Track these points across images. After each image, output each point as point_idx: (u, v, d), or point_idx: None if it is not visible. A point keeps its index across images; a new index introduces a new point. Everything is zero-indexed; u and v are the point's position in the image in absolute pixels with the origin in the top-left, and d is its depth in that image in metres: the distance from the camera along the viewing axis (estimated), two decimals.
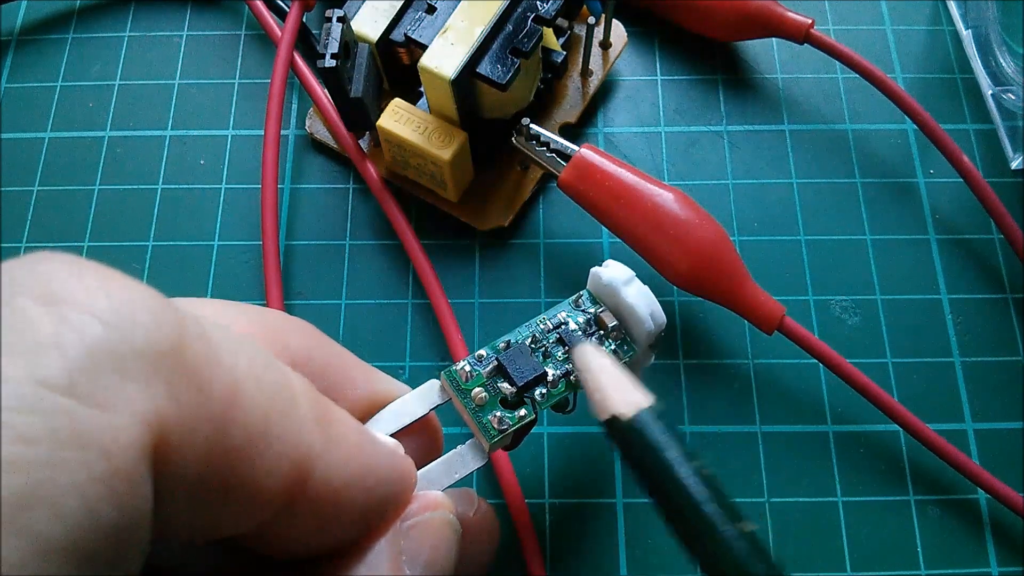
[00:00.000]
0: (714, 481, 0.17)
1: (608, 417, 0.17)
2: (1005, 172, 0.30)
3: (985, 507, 0.25)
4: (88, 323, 0.10)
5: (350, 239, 0.29)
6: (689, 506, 0.16)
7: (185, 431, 0.11)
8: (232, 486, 0.12)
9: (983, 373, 0.27)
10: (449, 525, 0.17)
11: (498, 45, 0.25)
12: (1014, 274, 0.28)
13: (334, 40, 0.24)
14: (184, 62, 0.32)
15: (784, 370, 0.27)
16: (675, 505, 0.16)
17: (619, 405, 0.17)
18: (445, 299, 0.27)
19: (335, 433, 0.15)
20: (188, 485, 0.11)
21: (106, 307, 0.11)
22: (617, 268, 0.21)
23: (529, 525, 0.24)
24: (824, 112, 0.31)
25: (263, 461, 0.12)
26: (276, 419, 0.13)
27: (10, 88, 0.32)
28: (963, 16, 0.32)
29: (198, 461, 0.11)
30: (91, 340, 0.10)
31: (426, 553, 0.16)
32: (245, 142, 0.31)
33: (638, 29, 0.32)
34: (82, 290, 0.11)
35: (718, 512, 0.16)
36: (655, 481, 0.17)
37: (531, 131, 0.26)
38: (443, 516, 0.17)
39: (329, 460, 0.14)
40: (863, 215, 0.29)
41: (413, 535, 0.16)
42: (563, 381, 0.20)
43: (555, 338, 0.20)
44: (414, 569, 0.16)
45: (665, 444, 0.17)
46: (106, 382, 0.10)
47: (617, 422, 0.17)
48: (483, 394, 0.19)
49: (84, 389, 0.10)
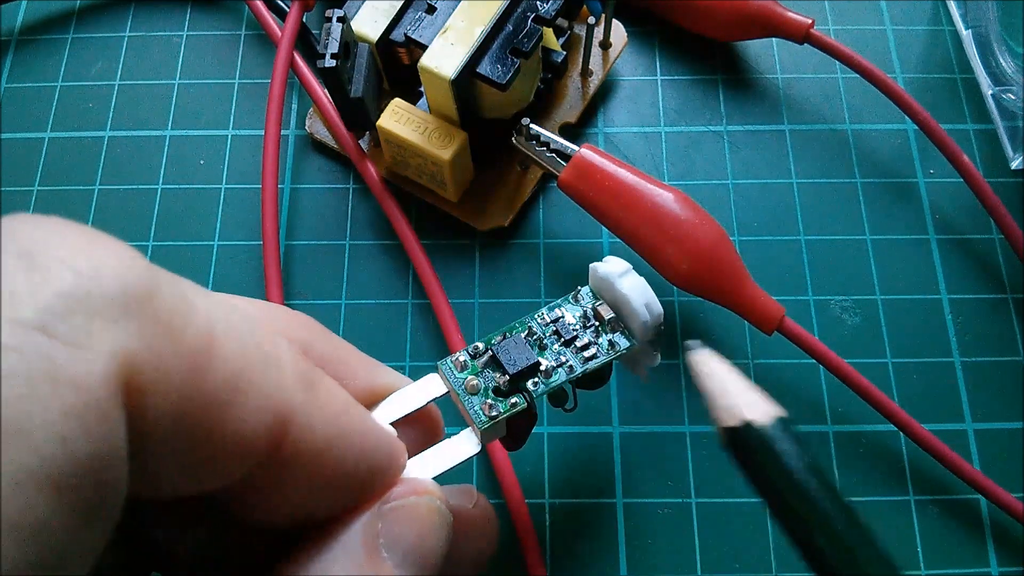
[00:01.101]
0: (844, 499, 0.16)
1: (739, 424, 0.17)
2: (1005, 172, 0.30)
3: (985, 507, 0.25)
4: (60, 271, 0.11)
5: (350, 239, 0.29)
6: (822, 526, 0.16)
7: (157, 372, 0.11)
8: (209, 434, 0.12)
9: (983, 373, 0.27)
10: (437, 512, 0.16)
11: (498, 45, 0.25)
12: (1014, 274, 0.28)
13: (334, 40, 0.24)
14: (184, 62, 0.32)
15: (784, 370, 0.27)
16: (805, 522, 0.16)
17: (753, 412, 0.17)
18: (445, 299, 0.27)
19: (319, 394, 0.14)
20: (163, 429, 0.12)
21: (77, 257, 0.11)
22: (614, 262, 0.21)
23: (529, 525, 0.24)
24: (824, 112, 0.31)
25: (241, 411, 0.13)
26: (256, 373, 0.13)
27: (10, 88, 0.32)
28: (963, 16, 0.32)
29: (172, 404, 0.12)
30: (62, 286, 0.11)
31: (408, 538, 0.16)
32: (245, 142, 0.31)
33: (638, 29, 0.32)
34: (55, 244, 0.11)
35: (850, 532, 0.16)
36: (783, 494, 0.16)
37: (531, 131, 0.26)
38: (429, 502, 0.16)
39: (311, 418, 0.14)
40: (863, 215, 0.29)
41: (393, 517, 0.16)
42: (556, 371, 0.20)
43: (552, 331, 0.20)
44: (393, 553, 0.15)
45: (797, 456, 0.16)
46: (77, 322, 0.10)
47: (748, 430, 0.17)
48: (475, 382, 0.19)
49: (56, 329, 0.10)
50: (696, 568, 0.25)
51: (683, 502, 0.26)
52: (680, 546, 0.25)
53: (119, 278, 0.11)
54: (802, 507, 0.16)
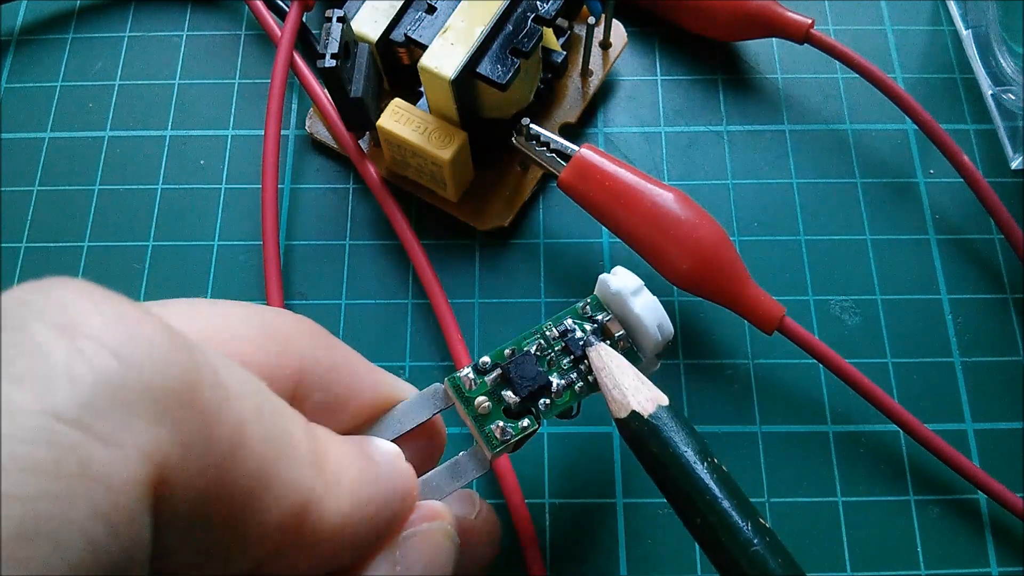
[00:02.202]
0: (730, 479, 0.17)
1: (627, 414, 0.18)
2: (1005, 172, 0.30)
3: (985, 507, 0.25)
4: (101, 355, 0.10)
5: (350, 239, 0.29)
6: (706, 503, 0.16)
7: (187, 472, 0.11)
8: (230, 527, 0.12)
9: (983, 373, 0.27)
10: (447, 535, 0.17)
11: (498, 45, 0.25)
12: (1014, 274, 0.28)
13: (334, 40, 0.24)
14: (184, 62, 0.32)
15: (784, 370, 0.27)
16: (692, 502, 0.17)
17: (639, 402, 0.18)
18: (445, 299, 0.27)
19: (332, 471, 0.15)
20: (187, 524, 0.11)
21: (120, 340, 0.10)
22: (626, 277, 0.21)
23: (529, 525, 0.24)
24: (824, 112, 0.31)
25: (262, 504, 0.13)
26: (277, 463, 0.13)
27: (10, 88, 0.32)
28: (963, 16, 0.32)
29: (198, 501, 0.11)
30: (103, 374, 0.10)
31: (422, 564, 0.16)
32: (245, 142, 0.31)
33: (638, 29, 0.32)
34: (98, 320, 0.11)
35: (735, 508, 0.16)
36: (672, 478, 0.17)
37: (531, 131, 0.26)
38: (441, 527, 0.17)
39: (328, 499, 0.14)
40: (863, 215, 0.29)
41: (410, 545, 0.16)
42: (567, 391, 0.20)
43: (561, 346, 0.20)
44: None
45: (683, 441, 0.17)
46: (114, 418, 0.10)
47: (635, 419, 0.18)
48: (486, 403, 0.19)
49: (92, 423, 0.10)
50: (696, 568, 0.25)
51: None
52: (680, 546, 0.25)
53: (160, 368, 0.11)
54: (687, 487, 0.17)
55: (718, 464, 0.17)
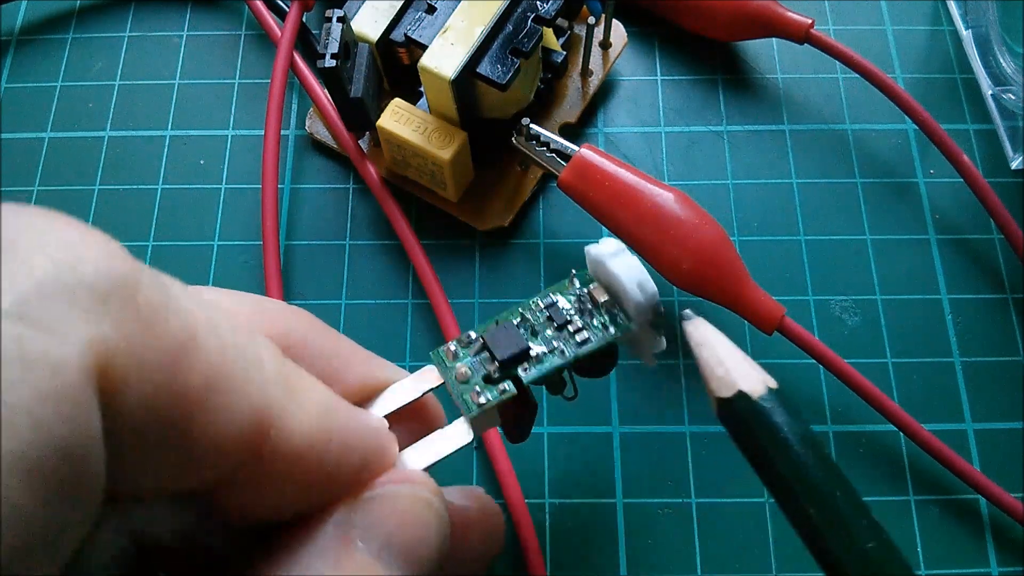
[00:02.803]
0: (841, 473, 0.16)
1: (732, 394, 0.16)
2: (1005, 172, 0.30)
3: (985, 508, 0.25)
4: (40, 261, 0.11)
5: (350, 239, 0.29)
6: (818, 497, 0.15)
7: (133, 364, 0.11)
8: (187, 432, 0.12)
9: (983, 373, 0.27)
10: (424, 504, 0.16)
11: (498, 45, 0.25)
12: (1014, 274, 0.28)
13: (334, 40, 0.24)
14: (184, 62, 0.32)
15: (784, 370, 0.27)
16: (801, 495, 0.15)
17: (748, 382, 0.16)
18: (445, 299, 0.27)
19: (300, 394, 0.14)
20: (140, 422, 0.12)
21: (59, 248, 0.11)
22: (607, 242, 0.20)
23: (529, 525, 0.24)
24: (824, 112, 0.31)
25: (220, 410, 0.13)
26: (237, 373, 0.13)
27: (10, 88, 0.32)
28: (963, 16, 0.32)
29: (149, 398, 0.12)
30: (42, 273, 0.11)
31: (386, 528, 0.15)
32: (245, 142, 0.31)
33: (638, 29, 0.32)
34: (38, 235, 0.11)
35: (849, 504, 0.15)
36: (780, 467, 0.16)
37: (531, 131, 0.26)
38: (412, 491, 0.16)
39: (291, 419, 0.14)
40: (863, 215, 0.29)
41: (367, 507, 0.15)
42: (548, 357, 0.19)
43: (545, 316, 0.20)
44: (371, 544, 0.15)
45: (794, 429, 0.16)
46: (54, 310, 0.11)
47: (742, 400, 0.16)
48: (464, 370, 0.19)
49: (31, 315, 0.10)
50: (696, 568, 0.25)
51: (683, 502, 0.26)
52: (680, 546, 0.25)
53: (99, 269, 0.11)
54: (795, 478, 0.15)
55: (828, 455, 0.16)
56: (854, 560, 0.15)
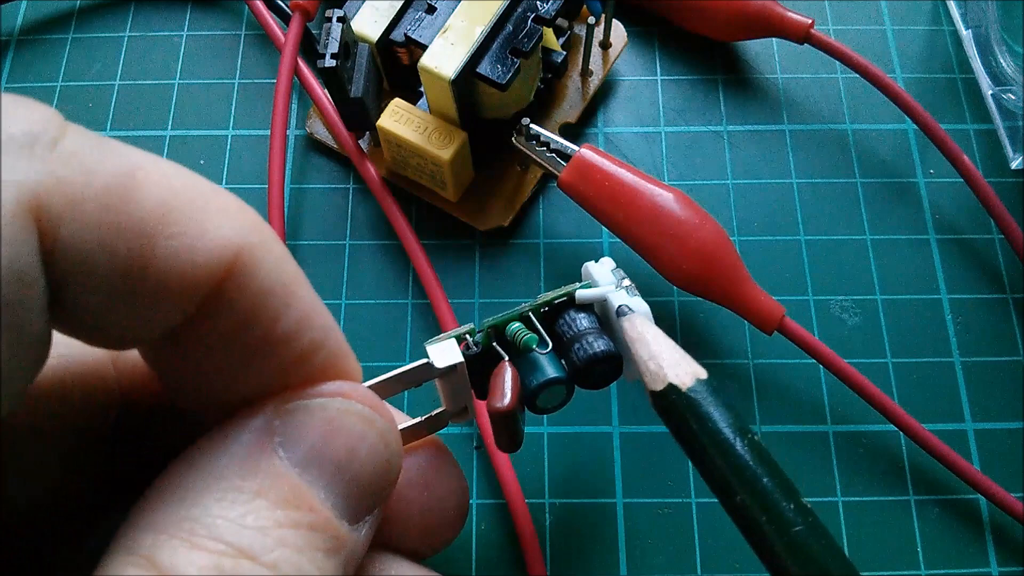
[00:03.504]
0: (770, 458, 0.16)
1: (663, 387, 0.17)
2: (1005, 172, 0.30)
3: (985, 507, 0.25)
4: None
5: (350, 239, 0.29)
6: (745, 482, 0.16)
7: (68, 200, 0.12)
8: (141, 267, 0.12)
9: (983, 373, 0.27)
10: (361, 418, 0.14)
11: (498, 45, 0.25)
12: (1014, 274, 0.28)
13: (334, 40, 0.24)
14: (184, 62, 0.32)
15: (784, 370, 0.27)
16: (731, 481, 0.16)
17: (676, 375, 0.17)
18: (445, 299, 0.27)
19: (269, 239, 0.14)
20: (85, 257, 0.12)
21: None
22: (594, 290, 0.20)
23: (529, 525, 0.24)
24: (824, 112, 0.31)
25: (179, 238, 0.12)
26: (194, 203, 0.13)
27: (10, 88, 0.32)
28: (963, 16, 0.32)
29: (95, 230, 0.12)
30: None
31: (313, 439, 0.14)
32: (245, 142, 0.31)
33: (638, 29, 0.32)
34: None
35: (776, 488, 0.15)
36: (710, 455, 0.16)
37: (531, 131, 0.26)
38: (343, 404, 0.14)
39: (257, 261, 0.13)
40: (863, 215, 0.29)
41: (297, 414, 0.14)
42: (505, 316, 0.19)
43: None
44: (293, 454, 0.13)
45: (722, 417, 0.16)
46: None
47: (673, 392, 0.17)
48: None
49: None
50: (696, 568, 0.25)
51: (683, 502, 0.26)
52: (680, 546, 0.25)
53: (25, 123, 0.12)
54: (725, 465, 0.16)
55: (758, 441, 0.16)
56: (783, 541, 0.15)
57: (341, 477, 0.14)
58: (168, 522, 0.12)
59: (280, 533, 0.13)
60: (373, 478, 0.14)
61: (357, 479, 0.14)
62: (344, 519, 0.14)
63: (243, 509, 0.13)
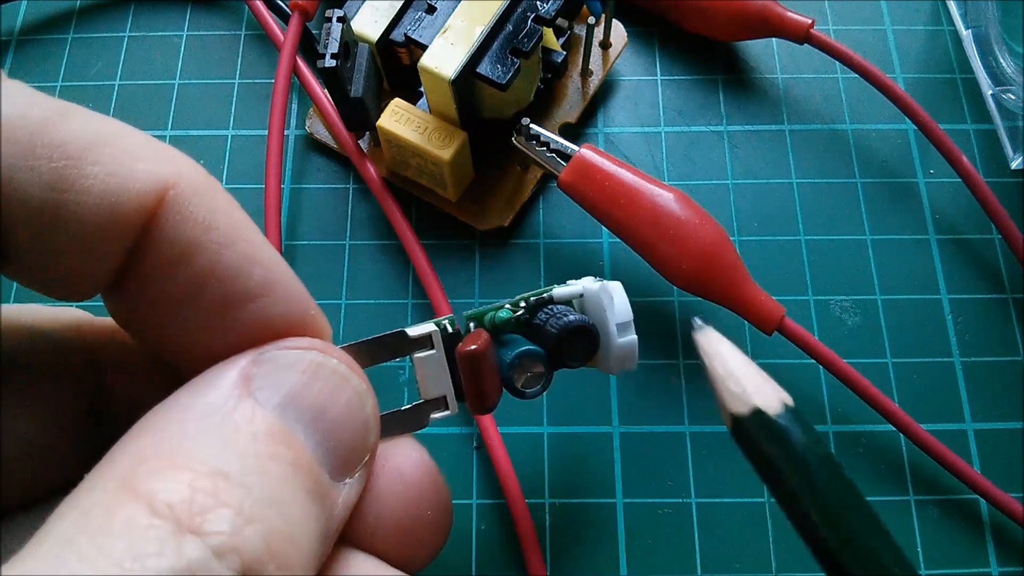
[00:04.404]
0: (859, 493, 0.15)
1: (748, 411, 0.16)
2: (1005, 172, 0.30)
3: (985, 508, 0.25)
4: None
5: (350, 239, 0.29)
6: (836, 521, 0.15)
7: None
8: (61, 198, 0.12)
9: (983, 373, 0.27)
10: (333, 372, 0.14)
11: (498, 45, 0.25)
12: (1014, 274, 0.28)
13: (334, 40, 0.24)
14: (184, 62, 0.32)
15: (784, 370, 0.27)
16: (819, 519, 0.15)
17: (763, 399, 0.16)
18: (445, 299, 0.27)
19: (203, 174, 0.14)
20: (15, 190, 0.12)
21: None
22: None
23: (529, 525, 0.24)
24: (824, 112, 0.31)
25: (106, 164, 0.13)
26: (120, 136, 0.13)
27: None
28: (963, 16, 0.32)
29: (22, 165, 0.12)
30: None
31: (291, 383, 0.14)
32: (245, 142, 0.31)
33: (638, 29, 0.32)
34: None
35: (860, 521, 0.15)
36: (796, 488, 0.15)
37: (531, 131, 0.26)
38: (318, 358, 0.14)
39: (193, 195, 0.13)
40: (863, 215, 0.29)
41: (272, 360, 0.14)
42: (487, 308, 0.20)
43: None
44: (270, 397, 0.13)
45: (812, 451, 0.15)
46: None
47: (759, 418, 0.15)
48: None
49: None
50: (696, 568, 0.25)
51: (683, 502, 0.26)
52: (680, 546, 0.25)
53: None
54: (813, 502, 0.15)
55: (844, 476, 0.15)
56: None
57: (319, 425, 0.14)
58: (146, 452, 0.12)
59: (260, 463, 0.12)
60: (351, 433, 0.14)
61: (335, 431, 0.14)
62: (325, 470, 0.14)
63: (224, 441, 0.12)
